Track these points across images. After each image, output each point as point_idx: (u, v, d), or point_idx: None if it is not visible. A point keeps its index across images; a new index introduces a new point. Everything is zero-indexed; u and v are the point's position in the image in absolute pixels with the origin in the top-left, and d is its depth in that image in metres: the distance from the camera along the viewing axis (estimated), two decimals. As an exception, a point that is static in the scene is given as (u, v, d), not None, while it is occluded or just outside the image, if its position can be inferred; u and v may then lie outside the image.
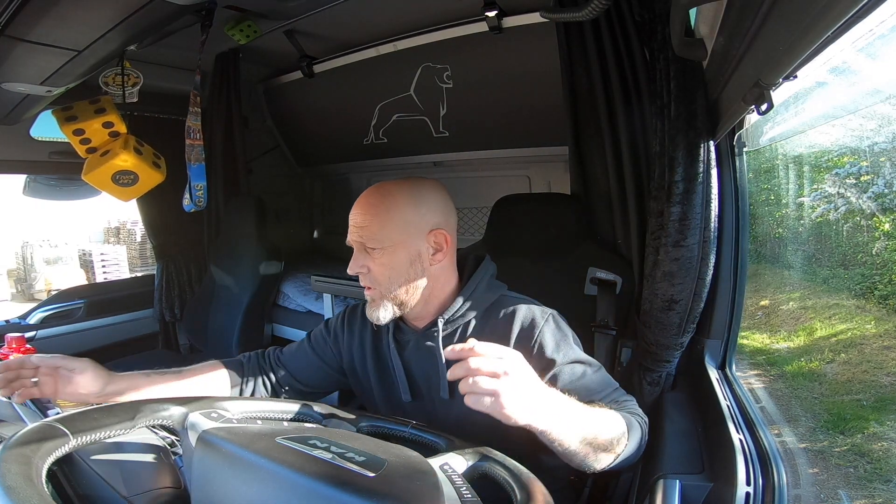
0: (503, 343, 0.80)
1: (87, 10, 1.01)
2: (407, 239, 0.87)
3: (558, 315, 0.94)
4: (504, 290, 0.98)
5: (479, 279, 0.94)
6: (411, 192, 0.89)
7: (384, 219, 0.87)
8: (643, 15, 1.19)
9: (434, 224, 0.88)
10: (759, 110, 0.75)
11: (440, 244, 0.89)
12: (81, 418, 0.57)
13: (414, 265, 0.88)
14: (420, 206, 0.88)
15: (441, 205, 0.91)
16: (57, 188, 2.50)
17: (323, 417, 0.77)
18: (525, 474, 0.61)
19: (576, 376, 0.86)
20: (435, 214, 0.89)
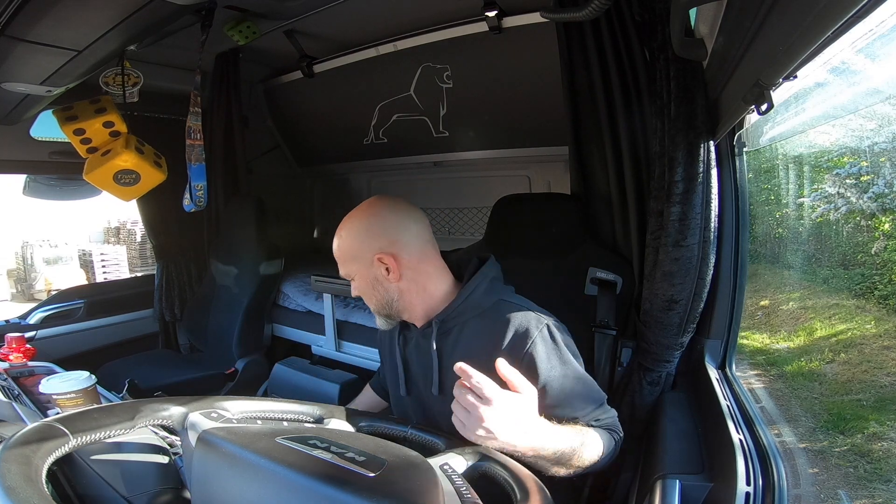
0: (494, 349, 0.91)
1: (87, 10, 1.01)
2: (360, 268, 0.96)
3: (555, 324, 0.95)
4: (507, 293, 0.99)
5: (478, 282, 0.97)
6: (353, 227, 0.96)
7: (341, 257, 0.98)
8: (643, 15, 1.19)
9: (377, 250, 0.94)
10: (759, 110, 0.75)
11: (389, 265, 0.94)
12: (81, 418, 0.57)
13: (377, 287, 0.96)
14: (362, 238, 0.95)
15: (383, 230, 0.95)
16: (57, 188, 2.50)
17: (322, 417, 0.77)
18: (525, 474, 0.61)
19: (563, 393, 0.90)
20: (377, 241, 0.94)
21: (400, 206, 0.98)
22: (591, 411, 0.92)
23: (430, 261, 0.98)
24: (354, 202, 0.99)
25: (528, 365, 0.89)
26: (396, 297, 0.96)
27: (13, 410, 0.96)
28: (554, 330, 0.94)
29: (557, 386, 0.90)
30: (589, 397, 0.93)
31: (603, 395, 0.96)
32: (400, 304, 0.97)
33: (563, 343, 0.93)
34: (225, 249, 2.43)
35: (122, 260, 9.93)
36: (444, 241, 2.60)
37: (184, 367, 2.27)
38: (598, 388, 0.96)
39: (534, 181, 2.38)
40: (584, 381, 0.93)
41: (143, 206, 2.51)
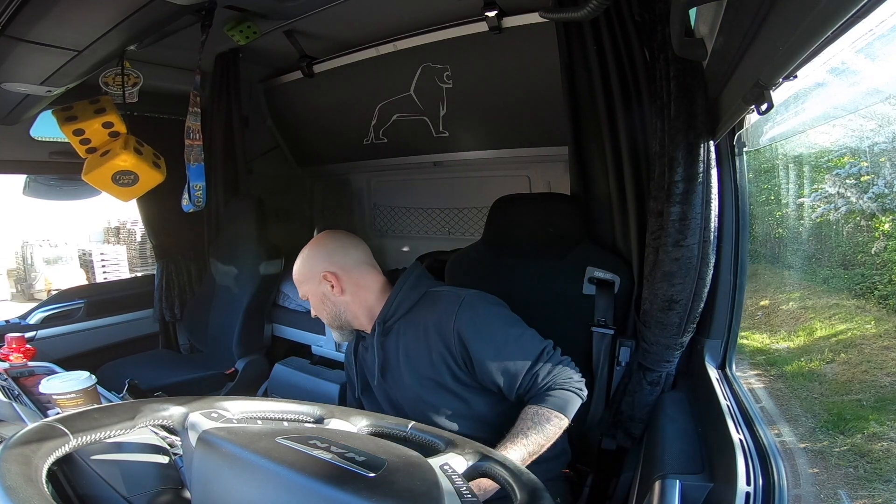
0: (426, 333, 1.09)
1: (87, 10, 1.01)
2: (311, 287, 1.17)
3: (476, 295, 1.10)
4: (432, 285, 1.17)
5: (402, 283, 1.15)
6: (304, 255, 1.19)
7: (298, 280, 1.20)
8: (643, 15, 1.19)
9: (321, 270, 1.14)
10: (759, 110, 0.75)
11: (332, 282, 1.14)
12: (81, 418, 0.57)
13: (326, 302, 1.16)
14: (310, 263, 1.17)
15: (325, 253, 1.16)
16: (57, 188, 2.50)
17: (322, 417, 0.77)
18: (525, 474, 0.61)
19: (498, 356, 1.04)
20: (321, 263, 1.15)
21: (340, 235, 1.21)
22: (530, 367, 1.04)
23: (369, 277, 1.16)
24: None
25: (458, 341, 1.05)
26: (343, 309, 1.15)
27: (13, 410, 0.95)
28: (474, 300, 1.08)
29: (491, 351, 1.04)
30: (525, 352, 1.05)
31: (540, 346, 1.08)
32: (347, 315, 1.16)
33: (485, 311, 1.08)
34: (225, 249, 2.42)
35: (122, 260, 9.92)
36: (444, 241, 2.60)
37: (184, 367, 2.27)
38: (533, 343, 1.08)
39: (534, 181, 2.38)
40: (516, 340, 1.06)
41: (143, 206, 2.51)
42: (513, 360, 1.04)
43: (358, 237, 1.23)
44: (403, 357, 1.11)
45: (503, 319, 1.09)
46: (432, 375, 1.08)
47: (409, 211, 2.80)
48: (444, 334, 1.06)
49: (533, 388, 1.05)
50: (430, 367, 1.08)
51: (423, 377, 1.09)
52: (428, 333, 1.08)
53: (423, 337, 1.09)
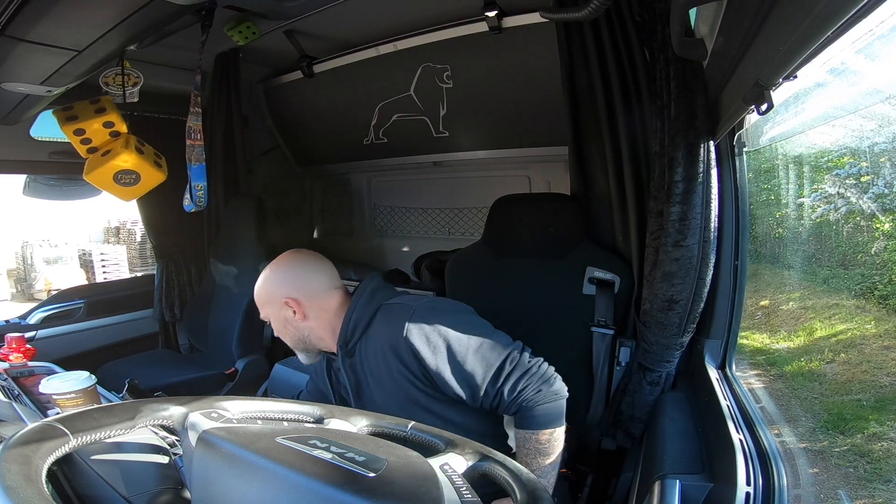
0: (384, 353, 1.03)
1: (87, 10, 1.01)
2: (273, 311, 1.11)
3: (427, 305, 1.04)
4: (388, 297, 1.10)
5: (356, 302, 1.09)
6: (267, 277, 1.12)
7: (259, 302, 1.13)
8: (643, 15, 1.19)
9: (283, 296, 1.09)
10: (759, 110, 0.75)
11: (294, 308, 1.09)
12: (81, 418, 0.57)
13: (288, 326, 1.11)
14: (273, 287, 1.11)
15: (285, 279, 1.11)
16: (57, 188, 2.50)
17: (322, 417, 0.77)
18: (525, 474, 0.60)
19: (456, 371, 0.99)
20: (281, 289, 1.09)
21: (304, 258, 1.14)
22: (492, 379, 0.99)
23: (333, 301, 1.11)
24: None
25: (412, 355, 1.00)
26: (307, 334, 1.11)
27: (13, 410, 0.95)
28: (425, 312, 1.02)
29: (447, 365, 0.99)
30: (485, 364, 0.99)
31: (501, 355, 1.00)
32: (312, 339, 1.12)
33: (437, 322, 1.01)
34: (225, 249, 2.42)
35: (122, 260, 9.91)
36: (444, 242, 2.60)
37: (184, 367, 2.27)
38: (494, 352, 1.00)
39: (534, 181, 2.38)
40: (475, 351, 1.00)
41: (143, 206, 2.51)
42: (472, 373, 0.99)
43: (324, 258, 1.17)
44: (371, 377, 1.07)
45: (460, 328, 1.02)
46: (399, 392, 1.05)
47: (409, 211, 2.80)
48: (397, 350, 1.02)
49: (503, 404, 1.00)
50: (395, 385, 1.04)
51: (391, 395, 1.05)
52: (385, 351, 1.03)
53: (382, 355, 1.04)
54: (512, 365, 0.99)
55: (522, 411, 1.00)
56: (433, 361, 0.99)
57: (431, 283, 2.11)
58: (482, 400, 1.01)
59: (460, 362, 0.99)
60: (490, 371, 0.99)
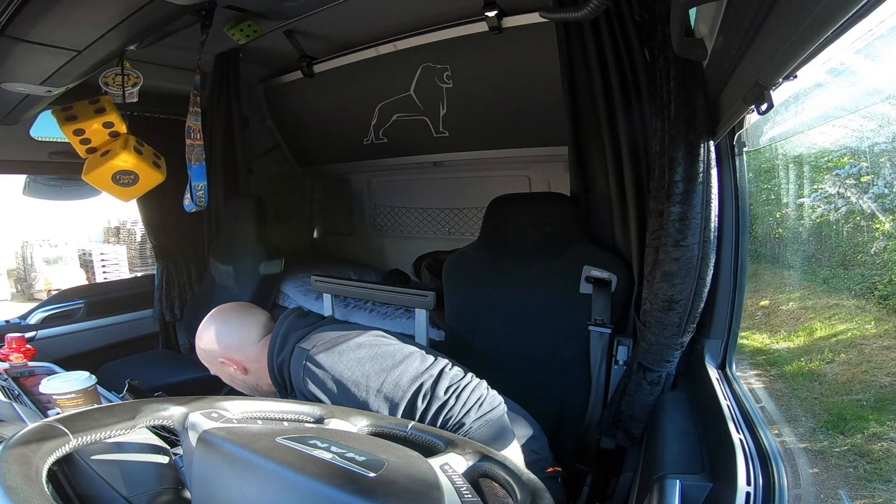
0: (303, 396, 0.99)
1: (87, 10, 1.01)
2: (217, 369, 1.16)
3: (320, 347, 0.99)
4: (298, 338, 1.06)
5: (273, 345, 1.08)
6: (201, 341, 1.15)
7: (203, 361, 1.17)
8: (643, 15, 1.19)
9: (219, 356, 1.12)
10: (759, 110, 0.74)
11: (236, 366, 1.12)
12: (82, 418, 0.57)
13: (234, 379, 1.15)
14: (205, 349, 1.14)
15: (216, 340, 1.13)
16: (57, 188, 2.50)
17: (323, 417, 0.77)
18: (525, 474, 0.61)
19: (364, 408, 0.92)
20: (215, 350, 1.13)
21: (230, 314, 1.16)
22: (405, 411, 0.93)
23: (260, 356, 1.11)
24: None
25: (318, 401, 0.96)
26: (255, 383, 1.14)
27: (13, 410, 0.95)
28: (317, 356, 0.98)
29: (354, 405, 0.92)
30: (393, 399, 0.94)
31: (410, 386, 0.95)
32: (262, 386, 1.13)
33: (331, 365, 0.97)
34: (225, 249, 2.42)
35: (122, 260, 9.91)
36: (444, 241, 2.60)
37: (184, 367, 2.26)
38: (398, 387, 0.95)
39: (534, 181, 2.38)
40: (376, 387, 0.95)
41: (143, 206, 2.51)
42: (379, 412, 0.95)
43: (252, 307, 1.20)
44: None
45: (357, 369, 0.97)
46: None
47: (409, 211, 2.80)
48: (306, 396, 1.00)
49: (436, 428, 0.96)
50: None
51: None
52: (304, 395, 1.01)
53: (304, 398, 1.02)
54: (425, 401, 0.95)
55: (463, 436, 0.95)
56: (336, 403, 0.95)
57: (431, 282, 2.11)
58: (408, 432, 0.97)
59: (364, 403, 0.94)
60: (399, 408, 0.94)
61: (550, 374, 1.41)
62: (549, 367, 1.41)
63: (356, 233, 3.03)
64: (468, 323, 1.54)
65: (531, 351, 1.43)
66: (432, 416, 0.94)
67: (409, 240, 2.81)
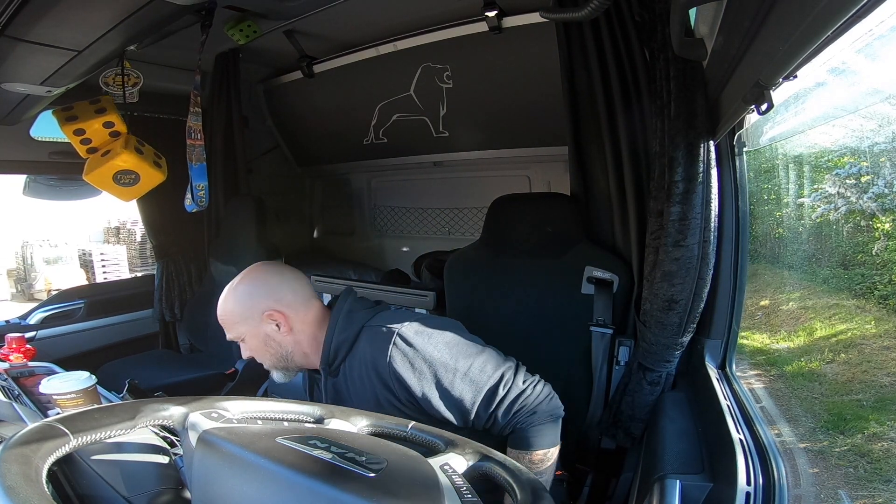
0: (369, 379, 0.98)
1: (87, 10, 1.01)
2: (251, 329, 1.03)
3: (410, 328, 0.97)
4: (366, 318, 1.03)
5: (335, 322, 1.03)
6: (237, 291, 1.04)
7: (229, 321, 1.04)
8: (643, 15, 1.19)
9: (264, 309, 1.01)
10: (759, 110, 0.74)
11: (279, 321, 1.02)
12: (82, 418, 0.57)
13: (269, 344, 1.03)
14: (247, 300, 1.03)
15: (267, 289, 1.03)
16: (57, 188, 2.50)
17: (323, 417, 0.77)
18: (525, 474, 0.61)
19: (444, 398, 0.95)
20: (262, 301, 1.02)
21: (277, 267, 1.09)
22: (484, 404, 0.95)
23: (314, 312, 1.05)
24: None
25: (397, 381, 0.95)
26: (291, 349, 1.04)
27: (13, 410, 0.95)
28: (408, 335, 0.96)
29: (434, 391, 0.94)
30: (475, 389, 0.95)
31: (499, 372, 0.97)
32: (295, 356, 1.05)
33: (422, 346, 0.96)
34: (225, 249, 2.42)
35: (122, 260, 9.91)
36: (444, 241, 2.60)
37: (184, 367, 2.26)
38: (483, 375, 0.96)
39: (534, 181, 2.38)
40: (463, 376, 0.95)
41: (143, 206, 2.51)
42: (461, 398, 0.95)
43: (297, 270, 1.12)
44: (356, 400, 1.01)
45: (446, 351, 0.97)
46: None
47: (409, 211, 2.80)
48: (383, 379, 0.97)
49: (496, 427, 0.98)
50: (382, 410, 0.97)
51: None
52: (371, 377, 0.98)
53: (368, 381, 0.99)
54: (506, 389, 0.96)
55: (517, 432, 0.98)
56: (419, 388, 0.95)
57: (431, 282, 2.11)
58: (474, 422, 0.98)
59: (447, 388, 0.95)
60: (480, 395, 0.95)
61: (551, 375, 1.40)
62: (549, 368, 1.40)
63: (356, 233, 3.03)
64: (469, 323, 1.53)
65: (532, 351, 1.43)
66: (510, 403, 0.96)
67: (409, 240, 2.81)
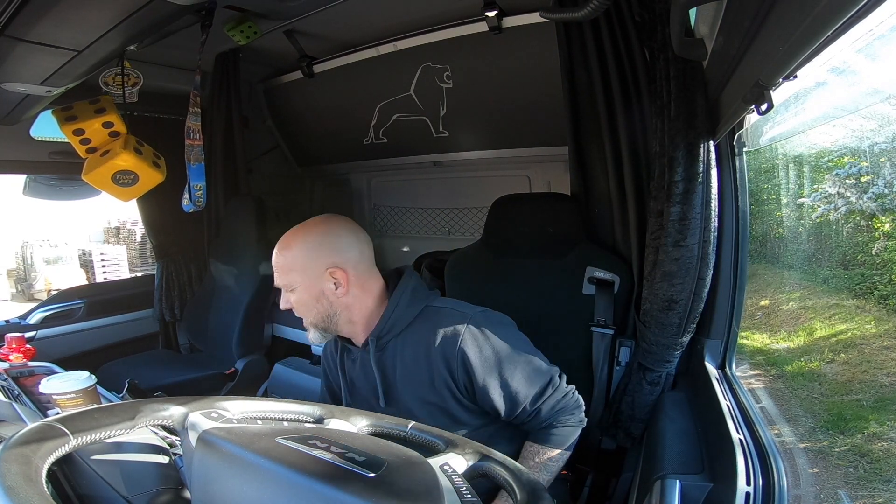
0: (428, 355, 0.97)
1: (87, 10, 1.01)
2: (307, 281, 0.97)
3: (483, 315, 1.00)
4: (431, 300, 1.03)
5: (400, 296, 1.01)
6: (306, 238, 0.98)
7: (286, 266, 0.98)
8: (643, 15, 1.19)
9: (330, 264, 0.97)
10: (759, 110, 0.75)
11: (339, 280, 0.97)
12: (82, 418, 0.57)
13: (320, 301, 0.99)
14: (313, 250, 0.97)
15: (337, 244, 0.98)
16: (57, 188, 2.50)
17: (323, 417, 0.77)
18: (525, 474, 0.61)
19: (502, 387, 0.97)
20: (330, 255, 0.97)
21: (351, 225, 1.02)
22: (533, 399, 0.98)
23: (374, 279, 1.02)
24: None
25: (462, 365, 0.96)
26: (339, 311, 1.00)
27: (13, 410, 0.95)
28: (480, 321, 0.98)
29: (495, 380, 0.96)
30: (530, 384, 0.98)
31: (550, 372, 1.01)
32: (341, 319, 1.01)
33: (491, 334, 0.97)
34: (225, 249, 2.42)
35: (122, 260, 9.91)
36: (444, 241, 2.59)
37: (184, 367, 2.26)
38: (543, 368, 1.00)
39: (534, 181, 2.38)
40: (522, 369, 0.98)
41: (143, 206, 2.51)
42: (517, 391, 0.97)
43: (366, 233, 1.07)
44: (402, 378, 1.01)
45: (510, 344, 0.99)
46: (435, 400, 0.99)
47: (409, 211, 2.80)
48: (447, 359, 0.96)
49: (534, 422, 1.01)
50: (433, 392, 0.99)
51: (424, 402, 1.00)
52: (430, 356, 0.97)
53: (425, 359, 0.98)
54: (553, 388, 1.00)
55: (546, 428, 1.02)
56: (481, 374, 0.95)
57: (432, 283, 2.11)
58: (517, 416, 1.00)
59: (507, 379, 0.96)
60: (532, 391, 0.98)
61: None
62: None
63: (356, 233, 3.03)
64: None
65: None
66: (554, 402, 1.00)
67: (409, 240, 2.81)
